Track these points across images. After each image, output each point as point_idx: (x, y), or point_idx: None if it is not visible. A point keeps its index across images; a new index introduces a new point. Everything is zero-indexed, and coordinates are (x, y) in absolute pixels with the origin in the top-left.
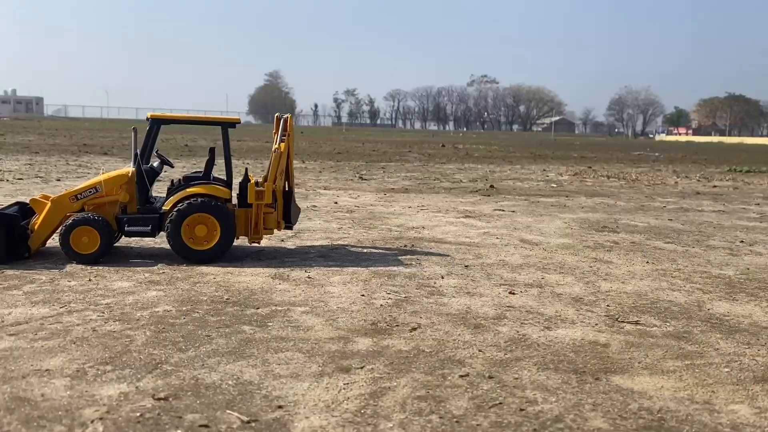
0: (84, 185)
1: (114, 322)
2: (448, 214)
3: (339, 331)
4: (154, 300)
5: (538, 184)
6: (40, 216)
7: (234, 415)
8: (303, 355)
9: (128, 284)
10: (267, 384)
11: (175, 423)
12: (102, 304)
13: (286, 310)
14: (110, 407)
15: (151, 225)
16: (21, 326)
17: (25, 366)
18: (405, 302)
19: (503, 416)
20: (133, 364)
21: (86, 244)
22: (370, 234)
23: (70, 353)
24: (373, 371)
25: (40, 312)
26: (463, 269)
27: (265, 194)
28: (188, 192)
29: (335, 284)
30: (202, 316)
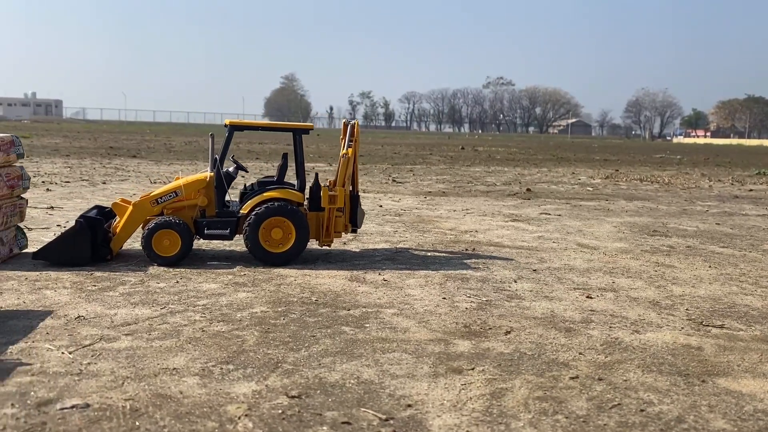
0: (163, 189)
1: (218, 322)
2: (495, 218)
3: (435, 333)
4: (247, 301)
5: (573, 188)
6: (122, 219)
7: (370, 413)
8: (410, 356)
9: (215, 286)
10: (387, 383)
11: (317, 420)
12: (199, 305)
13: (376, 311)
14: (250, 404)
15: (229, 228)
16: (131, 326)
17: (152, 365)
18: (488, 306)
19: (626, 416)
20: (253, 363)
21: (167, 247)
22: (426, 237)
23: (190, 353)
24: (485, 372)
25: (143, 313)
26: (531, 273)
27: (338, 198)
28: (264, 196)
29: (412, 287)
30: (300, 317)
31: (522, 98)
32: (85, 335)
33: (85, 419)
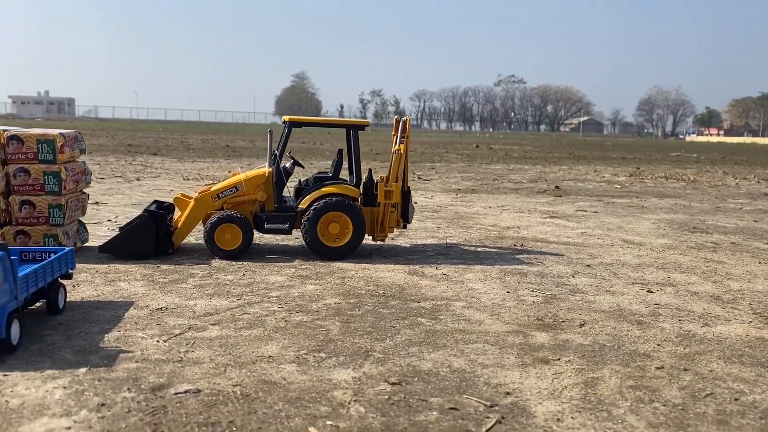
0: (224, 184)
1: (297, 313)
2: (532, 215)
3: (510, 325)
4: (318, 293)
5: (601, 185)
6: (184, 213)
7: (473, 400)
8: (493, 347)
9: (282, 278)
10: (479, 372)
11: (424, 405)
12: (272, 296)
13: (445, 304)
14: (355, 390)
15: (288, 223)
16: (215, 317)
17: (248, 353)
18: (554, 300)
19: (722, 405)
20: (343, 351)
21: (229, 241)
22: (471, 233)
23: (279, 341)
24: (572, 363)
25: (221, 304)
26: (586, 268)
27: (393, 194)
28: (322, 191)
29: (473, 281)
30: (374, 308)
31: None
32: (173, 325)
33: (202, 403)
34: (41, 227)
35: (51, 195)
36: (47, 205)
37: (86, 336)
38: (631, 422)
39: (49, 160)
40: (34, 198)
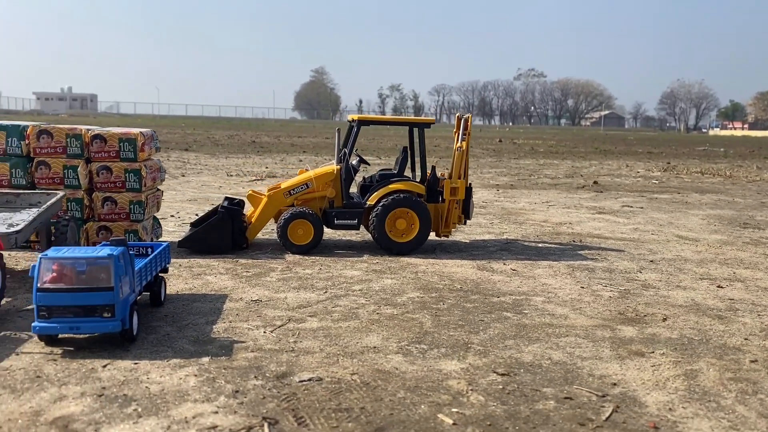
0: (295, 181)
1: (385, 306)
2: (579, 211)
3: (594, 319)
4: (397, 287)
5: (638, 180)
6: (257, 209)
7: (584, 390)
8: (586, 341)
9: (358, 273)
10: (580, 364)
11: (539, 395)
12: (356, 290)
13: (524, 299)
14: (468, 380)
15: (357, 219)
16: (308, 309)
17: (353, 343)
18: (629, 295)
19: None
20: (443, 343)
21: (301, 236)
22: (525, 229)
23: (379, 333)
24: (666, 356)
25: (310, 296)
26: (650, 264)
27: (458, 190)
28: (390, 188)
29: (544, 276)
30: (457, 302)
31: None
32: (272, 316)
33: (328, 390)
34: (122, 223)
35: (131, 192)
36: (128, 202)
37: (195, 327)
38: (741, 412)
39: (131, 158)
40: (115, 195)
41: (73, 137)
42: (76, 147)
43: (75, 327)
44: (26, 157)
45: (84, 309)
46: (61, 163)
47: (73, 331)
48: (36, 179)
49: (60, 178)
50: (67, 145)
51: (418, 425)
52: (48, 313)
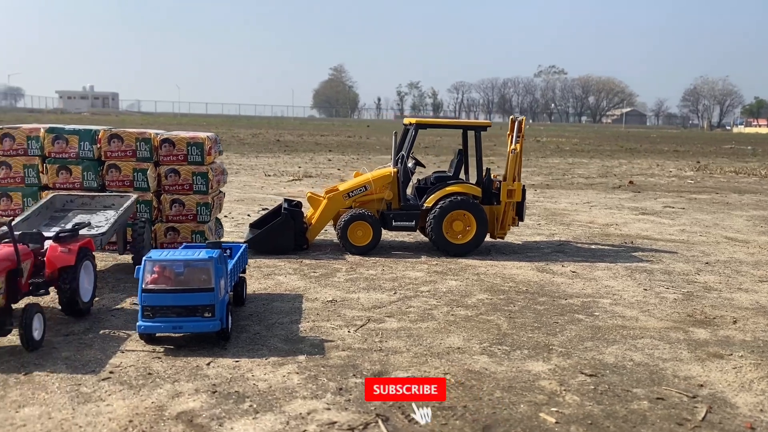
0: (354, 183)
1: (457, 307)
2: (621, 211)
3: (664, 321)
4: (464, 289)
5: (672, 180)
6: (317, 211)
7: (674, 391)
8: (662, 342)
9: (420, 274)
10: (662, 366)
11: (630, 395)
12: (424, 291)
13: (591, 301)
14: (558, 381)
15: (414, 220)
16: (383, 309)
17: (436, 344)
18: (694, 297)
19: None
20: (524, 345)
21: (360, 237)
22: (574, 230)
23: (459, 334)
24: (745, 358)
25: (381, 297)
26: (705, 266)
27: (515, 193)
28: (447, 191)
29: (605, 279)
30: (527, 305)
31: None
32: (351, 316)
33: None
34: (189, 224)
35: (199, 194)
36: (195, 204)
37: (282, 326)
38: None
39: (198, 162)
40: (183, 197)
41: (142, 141)
42: (146, 151)
43: (178, 326)
44: (97, 160)
45: (186, 309)
46: (131, 167)
47: (176, 330)
48: (107, 182)
49: (130, 181)
50: (137, 149)
51: (522, 423)
52: (152, 313)
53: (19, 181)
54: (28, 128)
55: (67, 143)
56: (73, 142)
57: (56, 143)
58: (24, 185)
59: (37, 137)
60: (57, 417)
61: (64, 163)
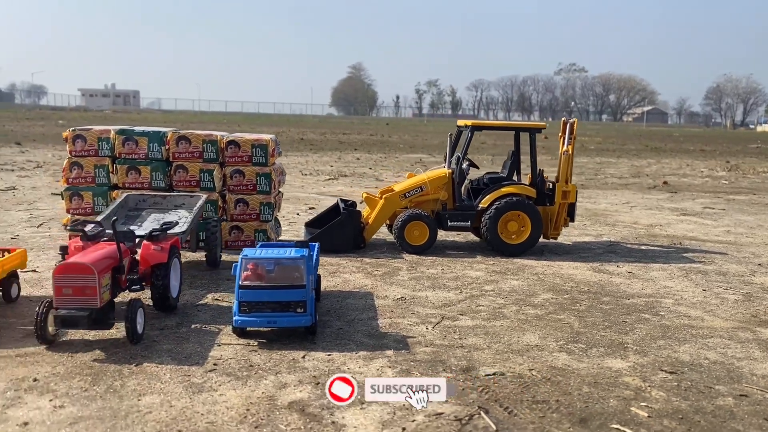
0: (410, 184)
1: (525, 306)
2: (662, 212)
3: (730, 321)
4: (526, 288)
5: (706, 181)
6: (374, 211)
7: (755, 389)
8: (732, 341)
9: (480, 273)
10: (738, 364)
11: (714, 392)
12: (488, 290)
13: (654, 301)
14: (641, 377)
15: (469, 220)
16: (453, 307)
17: (514, 341)
18: (754, 298)
19: None
20: (598, 343)
21: (417, 237)
22: (621, 231)
23: (534, 332)
24: None
25: (448, 296)
26: (758, 267)
27: (570, 194)
28: (502, 191)
29: (662, 279)
30: (593, 304)
31: (595, 85)
32: (425, 314)
33: (516, 384)
34: (252, 223)
35: (262, 194)
36: (259, 204)
37: (362, 322)
38: None
39: (262, 163)
40: (247, 197)
41: (209, 143)
42: (212, 152)
43: (272, 321)
44: (165, 161)
45: (280, 305)
46: (197, 167)
47: (270, 324)
48: (174, 182)
49: (196, 181)
50: (204, 150)
51: (616, 417)
52: (248, 308)
53: (90, 180)
54: (99, 130)
55: (136, 144)
56: (142, 143)
57: (126, 144)
58: (95, 185)
59: (107, 138)
60: (178, 405)
61: (134, 164)
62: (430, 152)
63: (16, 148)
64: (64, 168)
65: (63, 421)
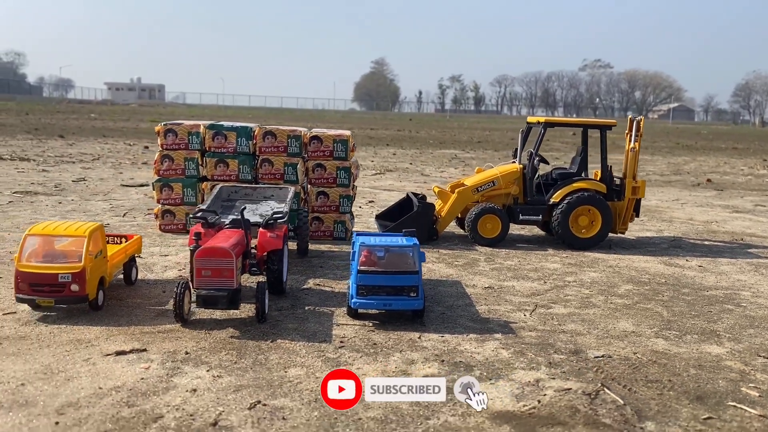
0: (482, 179)
1: (611, 296)
2: (714, 209)
3: None
4: (607, 280)
5: (749, 179)
6: (446, 205)
7: None
8: None
9: (557, 265)
10: None
11: None
12: (571, 281)
13: (732, 293)
14: (741, 361)
15: (540, 214)
16: (544, 296)
17: (610, 328)
18: None
19: None
20: (690, 330)
21: (489, 230)
22: (677, 227)
23: (626, 320)
24: None
25: (533, 285)
26: None
27: (639, 190)
28: (573, 186)
29: (732, 273)
30: (675, 295)
31: (621, 81)
32: (518, 302)
33: (625, 365)
34: (332, 214)
35: (342, 187)
36: (338, 196)
37: (461, 308)
38: None
39: (342, 157)
40: (327, 189)
41: (293, 138)
42: (296, 146)
43: (388, 304)
44: (252, 155)
45: (395, 289)
46: (282, 161)
47: (386, 307)
48: (260, 175)
49: (281, 174)
50: (288, 145)
51: (729, 395)
52: (365, 292)
53: (180, 172)
54: (189, 125)
55: (225, 139)
56: (231, 138)
57: (216, 139)
58: (184, 176)
59: (197, 133)
60: (322, 377)
61: (222, 157)
62: (462, 148)
63: (61, 141)
64: (156, 160)
65: (226, 388)
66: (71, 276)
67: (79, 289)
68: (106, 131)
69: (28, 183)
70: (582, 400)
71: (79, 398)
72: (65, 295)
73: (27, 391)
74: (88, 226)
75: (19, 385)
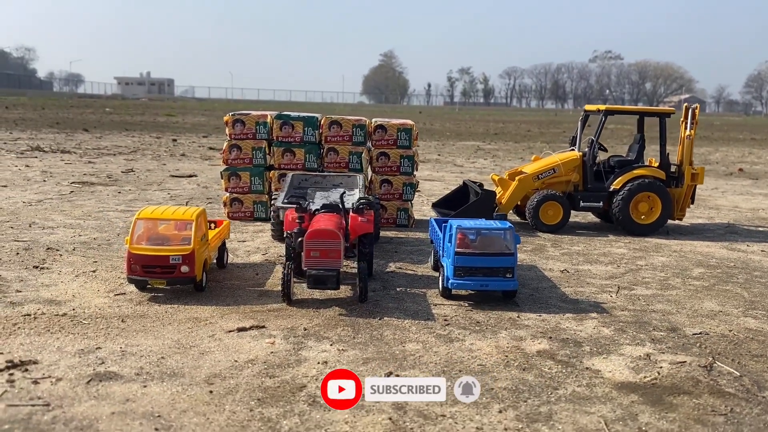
0: (542, 166)
1: (687, 279)
2: (756, 197)
3: None
4: (676, 263)
5: None
6: (507, 192)
7: None
8: None
9: (623, 251)
10: None
11: None
12: (642, 265)
13: None
14: None
15: (601, 201)
16: (620, 279)
17: (696, 308)
18: None
19: None
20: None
21: (551, 216)
22: (726, 214)
23: (710, 301)
24: None
25: (607, 269)
26: None
27: (698, 176)
28: (634, 173)
29: None
30: (749, 278)
31: (631, 73)
32: (598, 284)
33: (724, 341)
34: (395, 202)
35: (405, 175)
36: (401, 184)
37: (547, 290)
38: None
39: (406, 146)
40: (391, 177)
41: (358, 127)
42: (360, 136)
43: (484, 284)
44: (317, 144)
45: (491, 270)
46: (347, 150)
47: (483, 287)
48: (325, 164)
49: (345, 163)
50: (353, 134)
51: None
52: (463, 273)
53: (247, 161)
54: (257, 115)
55: (292, 128)
56: (298, 127)
57: (283, 128)
58: (252, 165)
59: (265, 123)
60: (441, 351)
61: (289, 147)
62: (481, 140)
63: (88, 135)
64: (224, 150)
65: (354, 360)
66: (182, 258)
67: (189, 270)
68: (126, 125)
69: (81, 174)
70: (699, 372)
71: (221, 370)
72: (176, 276)
73: (170, 364)
74: (194, 210)
75: (160, 358)
